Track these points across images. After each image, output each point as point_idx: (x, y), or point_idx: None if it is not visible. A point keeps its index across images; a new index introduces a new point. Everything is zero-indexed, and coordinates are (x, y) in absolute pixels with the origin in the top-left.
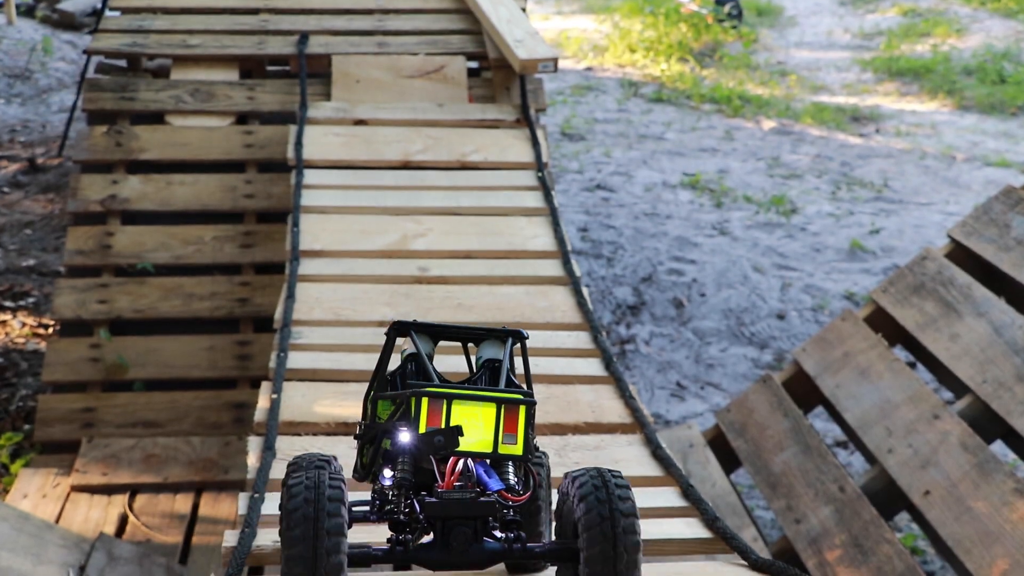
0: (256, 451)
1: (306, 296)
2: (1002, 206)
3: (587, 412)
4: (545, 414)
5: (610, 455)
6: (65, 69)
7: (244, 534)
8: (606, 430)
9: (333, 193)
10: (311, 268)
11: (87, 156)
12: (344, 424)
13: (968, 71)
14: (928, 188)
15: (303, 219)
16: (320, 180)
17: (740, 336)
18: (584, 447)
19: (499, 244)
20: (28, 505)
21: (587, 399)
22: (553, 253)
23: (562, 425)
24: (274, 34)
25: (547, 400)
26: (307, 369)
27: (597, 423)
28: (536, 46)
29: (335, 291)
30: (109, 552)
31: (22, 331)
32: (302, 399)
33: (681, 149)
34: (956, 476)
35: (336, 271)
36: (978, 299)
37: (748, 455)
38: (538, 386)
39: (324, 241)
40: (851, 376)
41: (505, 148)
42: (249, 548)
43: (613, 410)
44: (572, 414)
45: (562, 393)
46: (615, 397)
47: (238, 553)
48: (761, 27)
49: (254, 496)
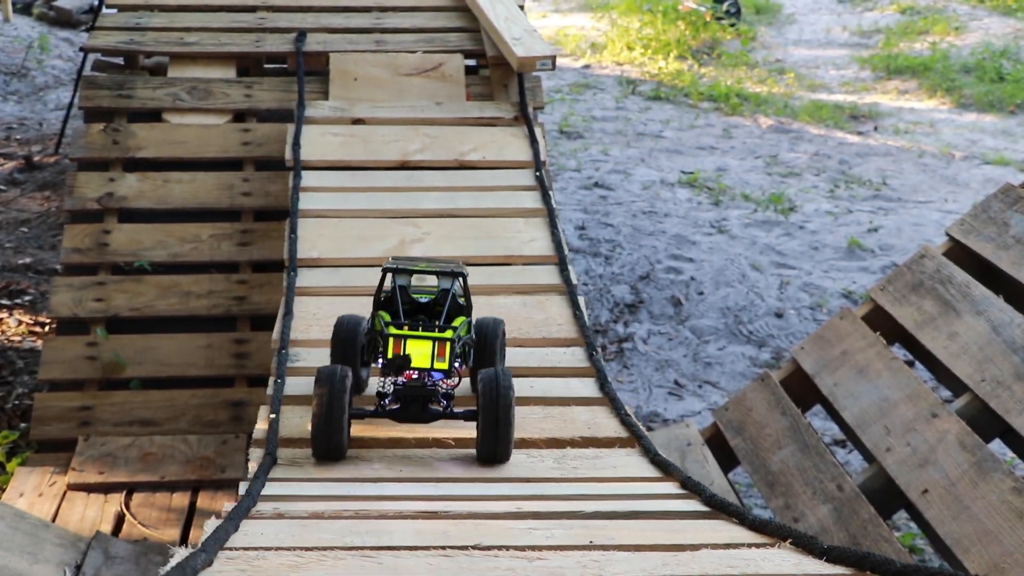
0: (256, 458)
1: (303, 312)
2: (1001, 204)
3: (583, 429)
4: (542, 431)
5: (609, 463)
6: (62, 67)
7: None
8: (603, 444)
9: (331, 196)
10: (309, 280)
11: (84, 154)
12: None
13: (967, 69)
14: (926, 186)
15: (301, 224)
16: (318, 182)
17: (738, 334)
18: (583, 456)
19: (496, 249)
20: (24, 504)
21: (583, 418)
22: (550, 258)
23: (560, 440)
24: (272, 32)
25: (544, 419)
26: (305, 396)
27: (594, 438)
28: (534, 44)
29: (332, 305)
30: (106, 551)
31: (18, 329)
32: (300, 420)
33: (679, 147)
34: (954, 475)
35: (334, 282)
36: (976, 297)
37: (746, 454)
38: (535, 407)
39: (321, 248)
40: (849, 374)
41: (503, 147)
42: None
43: (609, 427)
44: (569, 431)
45: (559, 413)
46: (611, 416)
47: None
48: (759, 25)
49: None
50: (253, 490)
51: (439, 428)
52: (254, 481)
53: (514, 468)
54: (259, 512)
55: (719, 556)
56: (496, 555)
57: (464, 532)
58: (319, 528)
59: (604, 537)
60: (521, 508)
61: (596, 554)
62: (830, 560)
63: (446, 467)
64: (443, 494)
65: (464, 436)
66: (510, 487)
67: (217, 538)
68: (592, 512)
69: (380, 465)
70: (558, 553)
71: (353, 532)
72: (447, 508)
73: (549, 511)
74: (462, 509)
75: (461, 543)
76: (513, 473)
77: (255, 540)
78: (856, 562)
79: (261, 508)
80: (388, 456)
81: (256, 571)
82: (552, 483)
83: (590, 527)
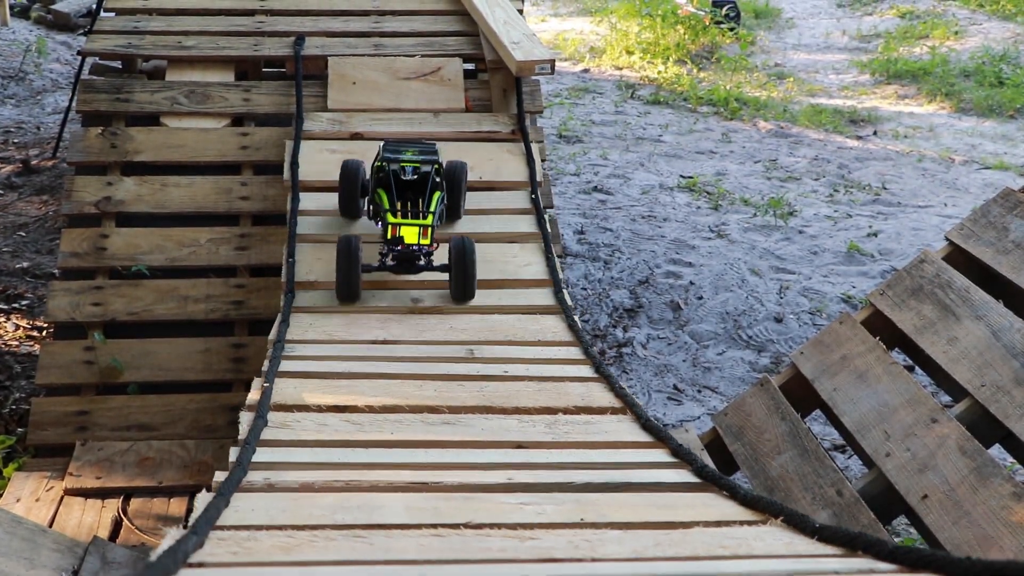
0: (247, 421)
1: (300, 322)
2: (1000, 209)
3: (577, 399)
4: (535, 401)
5: (600, 428)
6: (59, 70)
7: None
8: (596, 412)
9: (329, 220)
10: (306, 300)
11: (82, 158)
12: (335, 407)
13: (966, 73)
14: (926, 191)
15: (299, 249)
16: (316, 205)
17: (737, 339)
18: (574, 422)
19: (491, 273)
20: (21, 509)
21: (578, 392)
22: (545, 282)
23: (552, 408)
24: (270, 35)
25: (539, 392)
26: (299, 372)
27: (587, 407)
28: (533, 48)
29: (329, 319)
30: (103, 556)
31: (16, 334)
32: (293, 390)
33: (678, 151)
34: (954, 480)
35: (330, 302)
36: (976, 302)
37: (745, 459)
38: (530, 383)
39: (318, 272)
40: (849, 379)
41: (500, 166)
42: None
43: (603, 399)
44: (562, 401)
45: (553, 387)
46: (605, 390)
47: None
48: (758, 29)
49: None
50: (243, 459)
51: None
52: (244, 448)
53: (505, 432)
54: (250, 483)
55: (711, 535)
56: (487, 534)
57: (455, 507)
58: (310, 503)
59: (595, 513)
60: (512, 479)
61: (587, 532)
62: (822, 539)
63: (438, 430)
64: (433, 461)
65: (458, 405)
66: (501, 454)
67: (208, 517)
68: (583, 484)
69: (371, 428)
70: (550, 532)
71: (344, 507)
72: (438, 479)
73: (540, 482)
74: (453, 480)
75: (452, 520)
76: (504, 437)
77: (246, 517)
78: (848, 542)
79: (252, 479)
80: (379, 420)
81: (247, 553)
82: (543, 449)
83: (581, 501)
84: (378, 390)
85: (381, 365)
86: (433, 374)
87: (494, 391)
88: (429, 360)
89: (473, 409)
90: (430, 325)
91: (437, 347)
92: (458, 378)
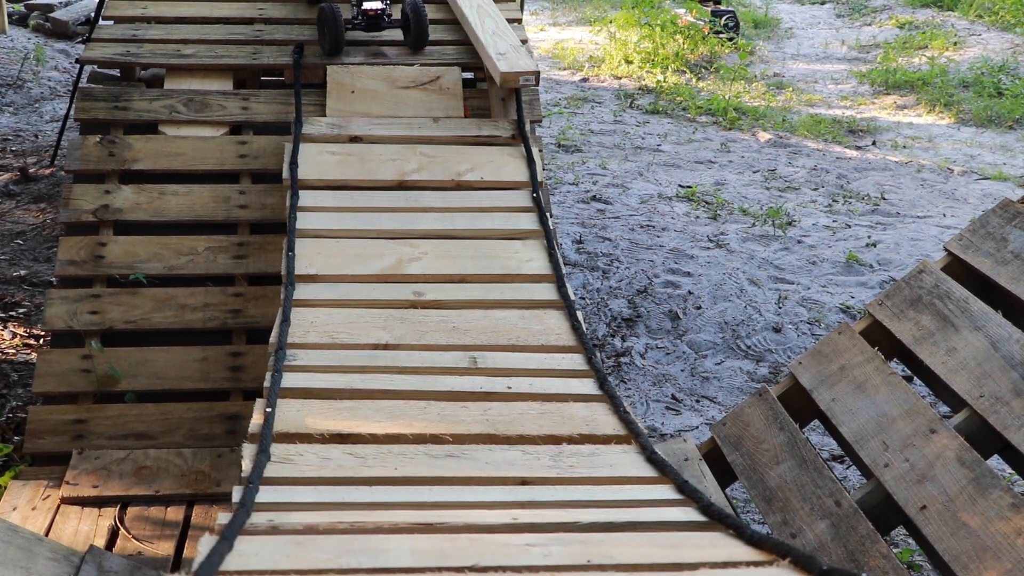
0: (251, 456)
1: (301, 320)
2: (999, 219)
3: (581, 425)
4: (539, 427)
5: (605, 460)
6: (58, 78)
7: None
8: (600, 441)
9: (328, 216)
10: (306, 293)
11: (80, 166)
12: (338, 435)
13: (965, 84)
14: (925, 201)
15: (298, 243)
16: (315, 202)
17: (736, 349)
18: (579, 454)
19: (494, 268)
20: (18, 517)
21: (582, 415)
22: (547, 276)
23: (557, 436)
24: (269, 44)
25: (542, 415)
26: (301, 388)
27: (591, 435)
28: (518, 59)
29: (330, 315)
30: (99, 565)
31: (13, 342)
32: (296, 414)
33: (677, 161)
34: (953, 491)
35: (331, 296)
36: (975, 313)
37: (744, 469)
38: (533, 403)
39: (319, 266)
40: (847, 390)
41: (500, 166)
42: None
43: (607, 424)
44: (567, 427)
45: (556, 409)
46: (609, 413)
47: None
48: (758, 39)
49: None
50: (247, 500)
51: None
52: (248, 488)
53: (510, 466)
54: (253, 526)
55: None
56: None
57: (461, 549)
58: (314, 546)
59: (602, 555)
60: (517, 518)
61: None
62: None
63: (442, 464)
64: (438, 500)
65: (462, 432)
66: (506, 491)
67: (211, 563)
68: (589, 523)
69: (375, 463)
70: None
71: (349, 551)
72: (443, 519)
73: (546, 522)
74: (458, 520)
75: (458, 564)
76: (509, 472)
77: (249, 562)
78: None
79: (255, 520)
80: (384, 453)
81: None
82: (548, 486)
83: (587, 542)
84: (381, 414)
85: (383, 379)
86: (436, 391)
87: (497, 414)
88: (431, 372)
89: (477, 438)
90: (432, 325)
91: (439, 354)
92: (461, 396)
